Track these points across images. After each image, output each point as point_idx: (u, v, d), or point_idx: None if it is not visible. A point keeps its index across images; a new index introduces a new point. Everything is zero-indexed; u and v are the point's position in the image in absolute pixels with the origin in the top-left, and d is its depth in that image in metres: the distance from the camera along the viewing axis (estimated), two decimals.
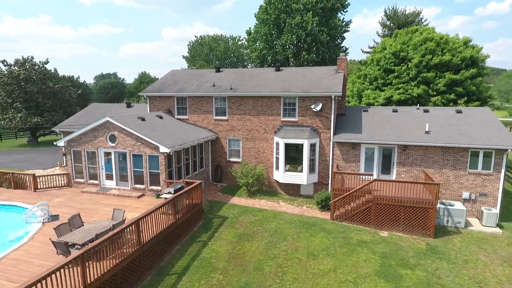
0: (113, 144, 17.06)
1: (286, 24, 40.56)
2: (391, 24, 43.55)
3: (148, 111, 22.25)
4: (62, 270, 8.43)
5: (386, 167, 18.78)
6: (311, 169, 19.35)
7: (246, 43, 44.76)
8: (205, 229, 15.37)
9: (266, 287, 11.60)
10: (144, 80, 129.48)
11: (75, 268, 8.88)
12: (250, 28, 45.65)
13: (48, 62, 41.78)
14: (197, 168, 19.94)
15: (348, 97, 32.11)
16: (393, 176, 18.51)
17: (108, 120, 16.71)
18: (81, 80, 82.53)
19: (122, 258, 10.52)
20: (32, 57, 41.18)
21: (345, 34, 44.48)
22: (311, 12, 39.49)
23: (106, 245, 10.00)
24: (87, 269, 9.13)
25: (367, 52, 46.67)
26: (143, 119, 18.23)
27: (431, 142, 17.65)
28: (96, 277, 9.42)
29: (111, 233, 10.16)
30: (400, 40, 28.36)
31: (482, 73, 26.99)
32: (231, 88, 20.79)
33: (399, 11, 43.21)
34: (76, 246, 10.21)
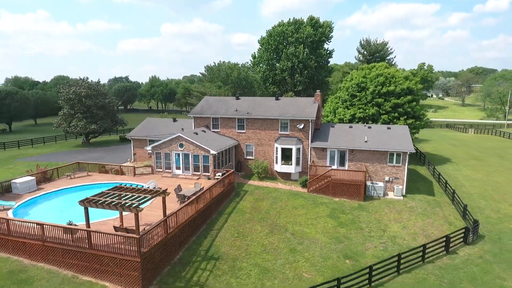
0: (181, 149, 29.33)
1: (283, 52, 52.78)
2: (365, 52, 55.80)
3: (193, 127, 34.38)
4: (186, 207, 20.61)
5: (342, 162, 31.07)
6: (297, 163, 31.66)
7: (252, 65, 56.90)
8: (237, 196, 27.71)
9: (271, 219, 23.96)
10: (155, 83, 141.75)
11: (188, 206, 20.96)
12: (254, 52, 57.79)
13: (99, 82, 53.91)
14: (227, 162, 32.19)
15: (327, 113, 44.26)
16: (346, 168, 30.79)
17: (179, 135, 28.98)
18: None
19: (204, 204, 22.80)
20: (87, 77, 53.31)
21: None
22: (302, 45, 51.68)
23: (198, 197, 22.23)
24: (189, 208, 21.40)
25: (347, 73, 58.88)
26: (196, 133, 30.47)
27: (367, 147, 29.93)
28: (197, 210, 21.68)
29: (201, 192, 22.47)
30: (362, 74, 40.62)
31: (417, 99, 39.25)
32: (247, 113, 33.01)
33: (371, 42, 55.42)
34: (186, 197, 22.46)
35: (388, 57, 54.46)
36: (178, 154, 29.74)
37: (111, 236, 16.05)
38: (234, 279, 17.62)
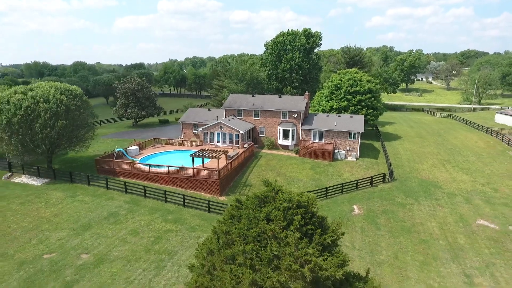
0: (221, 129, 47.58)
1: (283, 57, 70.08)
2: (345, 56, 73.14)
3: (224, 116, 52.28)
4: (232, 161, 39.04)
5: (320, 138, 49.34)
6: (292, 139, 49.97)
7: (259, 66, 74.28)
8: (256, 158, 46.22)
9: (277, 170, 42.59)
10: (168, 70, 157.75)
11: (233, 161, 39.28)
12: (261, 55, 74.76)
13: (144, 78, 71.31)
14: (248, 138, 50.46)
15: (315, 104, 62.04)
16: (323, 141, 49.04)
17: (220, 121, 47.18)
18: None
19: (240, 160, 41.26)
20: (138, 76, 70.70)
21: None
22: (298, 51, 68.97)
23: (237, 157, 40.63)
24: (236, 161, 39.85)
25: (333, 71, 76.36)
26: (229, 120, 48.60)
27: (336, 129, 48.16)
28: (238, 162, 40.16)
29: (238, 154, 40.95)
30: (338, 77, 58.32)
31: (376, 96, 57.11)
32: (261, 106, 51.00)
33: (351, 48, 72.63)
34: (231, 157, 40.88)
35: (362, 60, 71.66)
36: (219, 133, 48.04)
37: (203, 171, 34.59)
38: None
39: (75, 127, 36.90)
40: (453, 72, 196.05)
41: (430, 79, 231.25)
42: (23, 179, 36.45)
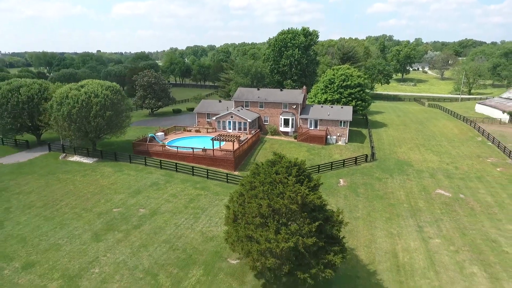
0: (232, 118, 56.52)
1: (284, 53, 78.46)
2: (339, 52, 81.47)
3: (234, 107, 61.09)
4: (243, 144, 48.12)
5: (315, 126, 58.29)
6: (292, 126, 58.95)
7: (263, 61, 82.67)
8: (261, 143, 55.33)
9: (279, 151, 51.72)
10: (174, 61, 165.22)
11: (244, 144, 48.33)
12: (265, 51, 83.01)
13: (160, 72, 79.71)
14: (254, 126, 59.40)
15: (312, 96, 70.72)
16: (317, 129, 58.06)
17: (231, 112, 56.08)
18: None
19: (249, 144, 50.37)
20: (154, 70, 79.10)
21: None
22: (297, 48, 77.33)
23: (247, 141, 49.70)
24: (246, 144, 48.95)
25: (329, 66, 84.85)
26: (238, 110, 57.47)
27: (329, 118, 57.10)
28: (247, 146, 49.28)
29: (247, 139, 50.04)
30: (332, 73, 66.89)
31: (364, 89, 65.77)
32: (265, 99, 59.80)
33: (344, 45, 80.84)
34: (242, 141, 49.95)
35: (355, 56, 79.91)
36: (230, 121, 57.02)
37: (221, 151, 43.74)
38: None
39: (117, 116, 45.80)
40: (449, 62, 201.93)
41: (426, 69, 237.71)
42: (76, 158, 45.56)
